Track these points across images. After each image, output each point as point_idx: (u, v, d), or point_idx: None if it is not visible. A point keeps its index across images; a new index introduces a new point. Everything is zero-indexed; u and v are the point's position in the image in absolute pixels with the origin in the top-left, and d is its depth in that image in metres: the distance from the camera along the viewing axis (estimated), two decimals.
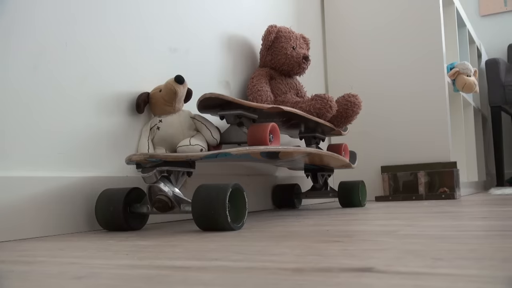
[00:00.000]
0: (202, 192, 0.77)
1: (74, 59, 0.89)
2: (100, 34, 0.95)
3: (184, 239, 0.70)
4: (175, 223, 1.03)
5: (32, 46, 0.82)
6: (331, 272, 0.40)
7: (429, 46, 1.78)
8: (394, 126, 1.83)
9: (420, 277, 0.36)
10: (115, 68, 0.98)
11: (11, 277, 0.43)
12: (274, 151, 0.95)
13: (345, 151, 1.40)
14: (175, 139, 0.98)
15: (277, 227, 0.84)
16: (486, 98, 2.98)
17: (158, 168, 0.82)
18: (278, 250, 0.54)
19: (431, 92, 1.77)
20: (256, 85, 1.28)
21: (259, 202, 1.43)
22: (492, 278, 0.35)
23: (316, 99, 1.21)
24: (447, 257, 0.45)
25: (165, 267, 0.46)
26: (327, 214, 1.14)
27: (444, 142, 1.74)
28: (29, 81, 0.81)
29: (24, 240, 0.75)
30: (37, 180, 0.80)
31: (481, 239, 0.58)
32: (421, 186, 1.72)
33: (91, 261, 0.51)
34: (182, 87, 0.98)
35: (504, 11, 3.27)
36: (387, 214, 1.06)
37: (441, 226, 0.74)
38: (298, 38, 1.39)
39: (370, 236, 0.65)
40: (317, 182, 1.46)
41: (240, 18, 1.42)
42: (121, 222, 0.83)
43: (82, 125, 0.91)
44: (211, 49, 1.28)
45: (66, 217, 0.85)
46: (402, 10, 1.84)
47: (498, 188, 2.29)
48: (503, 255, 0.45)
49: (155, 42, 1.08)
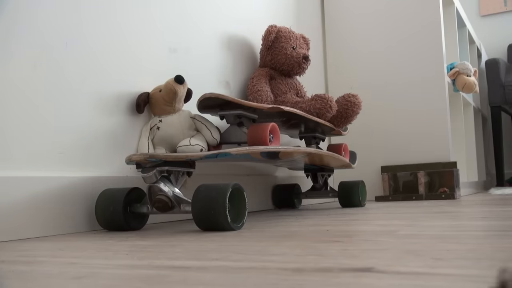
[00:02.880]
0: (202, 192, 0.77)
1: (74, 59, 0.89)
2: (100, 34, 0.95)
3: (184, 239, 0.70)
4: (175, 223, 1.03)
5: (32, 46, 0.82)
6: (331, 272, 0.40)
7: (429, 46, 1.78)
8: (394, 126, 1.83)
9: (420, 277, 0.36)
10: (115, 68, 0.98)
11: (11, 277, 0.43)
12: (274, 151, 0.95)
13: (345, 151, 1.40)
14: (175, 139, 0.98)
15: (277, 227, 0.84)
16: (486, 98, 2.98)
17: (158, 168, 0.82)
18: (278, 250, 0.54)
19: (431, 92, 1.77)
20: (256, 85, 1.28)
21: (259, 202, 1.43)
22: (492, 278, 0.35)
23: (316, 99, 1.21)
24: (447, 257, 0.45)
25: (164, 267, 0.46)
26: (327, 214, 1.14)
27: (444, 142, 1.74)
28: (29, 81, 0.81)
29: (24, 240, 0.75)
30: (37, 180, 0.80)
31: (481, 239, 0.58)
32: (421, 186, 1.71)
33: (91, 261, 0.51)
34: (182, 87, 0.98)
35: (504, 11, 3.27)
36: (387, 214, 1.06)
37: (441, 226, 0.74)
38: (298, 38, 1.39)
39: (370, 236, 0.65)
40: (317, 182, 1.46)
41: (240, 18, 1.42)
42: (121, 222, 0.84)
43: (82, 125, 0.91)
44: (211, 49, 1.28)
45: (66, 217, 0.85)
46: (402, 10, 1.84)
47: (498, 188, 2.29)
48: (503, 255, 0.45)
49: (155, 42, 1.08)
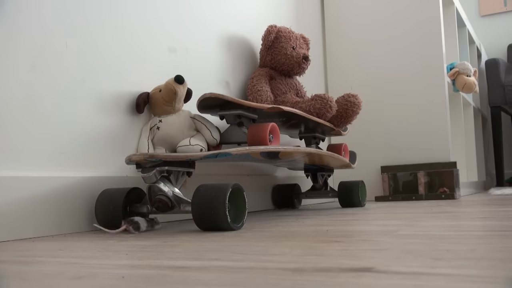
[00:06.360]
0: (202, 192, 0.77)
1: (74, 59, 0.89)
2: (100, 34, 0.95)
3: (184, 239, 0.70)
4: (175, 223, 1.03)
5: (32, 46, 0.82)
6: (331, 272, 0.40)
7: (429, 46, 1.78)
8: (394, 126, 1.83)
9: (420, 277, 0.36)
10: (115, 68, 0.98)
11: (11, 277, 0.43)
12: (274, 151, 0.95)
13: (345, 151, 1.40)
14: (175, 139, 0.98)
15: (277, 227, 0.84)
16: (486, 98, 2.98)
17: (158, 168, 0.82)
18: (278, 250, 0.54)
19: (431, 92, 1.77)
20: (256, 85, 1.28)
21: (259, 202, 1.43)
22: (492, 278, 0.35)
23: (316, 99, 1.21)
24: (447, 257, 0.45)
25: (164, 267, 0.46)
26: (327, 214, 1.14)
27: (444, 142, 1.74)
28: (29, 81, 0.81)
29: (24, 240, 0.75)
30: (37, 180, 0.80)
31: (481, 239, 0.58)
32: (421, 186, 1.71)
33: (91, 261, 0.51)
34: (182, 87, 0.98)
35: (504, 11, 3.27)
36: (387, 214, 1.06)
37: (441, 226, 0.74)
38: (298, 38, 1.39)
39: (370, 236, 0.65)
40: (317, 182, 1.46)
41: (240, 18, 1.42)
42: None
43: (82, 125, 0.91)
44: (211, 49, 1.28)
45: (66, 217, 0.85)
46: (402, 10, 1.84)
47: (498, 188, 2.29)
48: (503, 255, 0.45)
49: (155, 42, 1.08)
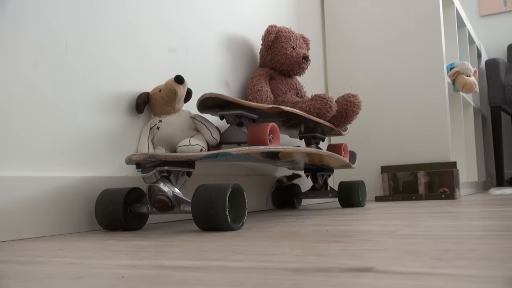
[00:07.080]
0: (202, 192, 0.77)
1: (74, 59, 0.89)
2: (100, 34, 0.95)
3: (183, 239, 0.70)
4: (175, 223, 1.03)
5: (32, 46, 0.82)
6: (331, 272, 0.40)
7: (429, 46, 1.78)
8: (394, 126, 1.83)
9: (420, 277, 0.36)
10: (115, 68, 0.98)
11: (11, 277, 0.43)
12: (274, 151, 0.95)
13: (345, 151, 1.40)
14: (175, 139, 0.98)
15: (277, 227, 0.84)
16: (486, 98, 2.98)
17: (158, 168, 0.82)
18: (278, 250, 0.54)
19: (431, 92, 1.77)
20: (256, 85, 1.28)
21: (259, 202, 1.43)
22: (492, 278, 0.35)
23: (316, 99, 1.21)
24: (447, 257, 0.45)
25: (164, 267, 0.46)
26: (327, 214, 1.14)
27: (444, 142, 1.74)
28: (29, 81, 0.81)
29: (24, 240, 0.75)
30: (37, 180, 0.80)
31: (481, 239, 0.58)
32: (421, 186, 1.71)
33: (91, 261, 0.51)
34: (182, 87, 0.98)
35: (504, 11, 3.27)
36: (387, 214, 1.06)
37: (441, 226, 0.74)
38: (298, 38, 1.39)
39: (370, 236, 0.65)
40: (317, 182, 1.46)
41: (240, 18, 1.42)
42: (121, 222, 0.84)
43: (82, 125, 0.91)
44: (211, 49, 1.28)
45: (66, 217, 0.85)
46: (402, 10, 1.84)
47: (498, 188, 2.29)
48: (503, 255, 0.45)
49: (155, 42, 1.08)
